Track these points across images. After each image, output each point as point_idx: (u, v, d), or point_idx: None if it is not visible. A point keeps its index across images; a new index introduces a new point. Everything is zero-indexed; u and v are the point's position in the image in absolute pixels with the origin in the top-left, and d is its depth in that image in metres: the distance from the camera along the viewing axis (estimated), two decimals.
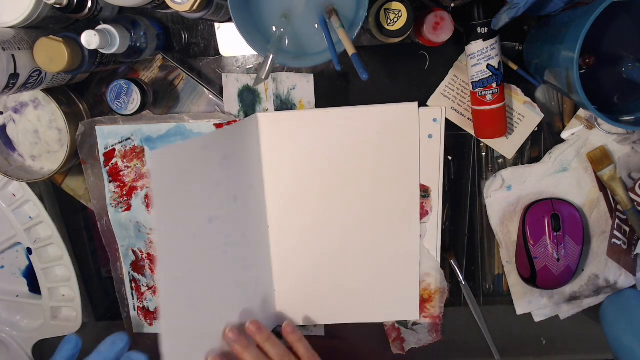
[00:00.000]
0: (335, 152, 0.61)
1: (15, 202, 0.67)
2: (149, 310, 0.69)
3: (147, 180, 0.64)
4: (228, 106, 0.62)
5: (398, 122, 0.60)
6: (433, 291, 0.66)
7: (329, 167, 0.62)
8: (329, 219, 0.64)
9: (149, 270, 0.67)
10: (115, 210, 0.65)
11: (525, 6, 0.47)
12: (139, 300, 0.69)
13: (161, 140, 0.62)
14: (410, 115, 0.59)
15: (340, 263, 0.65)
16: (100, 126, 0.62)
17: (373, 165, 0.61)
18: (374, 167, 0.61)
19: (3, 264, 0.72)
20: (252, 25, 0.50)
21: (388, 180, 0.62)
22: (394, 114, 0.60)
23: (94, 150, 0.64)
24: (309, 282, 0.66)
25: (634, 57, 0.52)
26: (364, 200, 0.63)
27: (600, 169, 0.61)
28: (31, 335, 0.72)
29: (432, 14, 0.53)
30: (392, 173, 0.61)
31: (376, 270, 0.65)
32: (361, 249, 0.64)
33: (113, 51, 0.52)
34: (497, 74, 0.56)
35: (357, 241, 0.64)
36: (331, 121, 0.60)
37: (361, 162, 0.61)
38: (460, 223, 0.66)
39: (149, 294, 0.68)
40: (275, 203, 0.63)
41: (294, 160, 0.62)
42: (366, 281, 0.66)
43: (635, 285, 0.65)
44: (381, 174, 0.62)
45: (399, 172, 0.61)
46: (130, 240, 0.66)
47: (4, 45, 0.49)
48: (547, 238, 0.61)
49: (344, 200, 0.63)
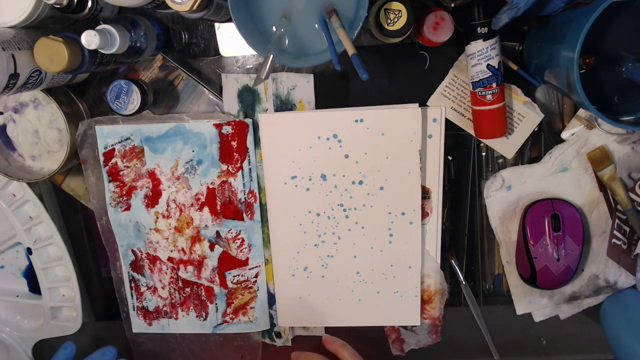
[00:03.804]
0: (337, 154, 0.61)
1: (15, 202, 0.67)
2: (148, 310, 0.69)
3: (146, 180, 0.64)
4: (227, 106, 0.62)
5: (401, 124, 0.59)
6: (433, 292, 0.66)
7: (331, 169, 0.62)
8: (330, 221, 0.64)
9: (148, 270, 0.67)
10: (114, 210, 0.65)
11: (525, 6, 0.47)
12: (138, 300, 0.69)
13: (160, 140, 0.62)
14: (413, 118, 0.59)
15: (341, 265, 0.65)
16: (99, 126, 0.62)
17: (375, 167, 0.61)
18: (376, 170, 0.61)
19: (3, 264, 0.72)
20: (252, 25, 0.50)
21: (390, 183, 0.61)
22: (396, 116, 0.59)
23: (93, 150, 0.64)
24: (310, 284, 0.66)
25: (634, 57, 0.52)
26: (365, 203, 0.63)
27: (600, 169, 0.61)
28: (31, 335, 0.72)
29: (432, 14, 0.53)
30: (394, 176, 0.61)
31: (377, 273, 0.65)
32: (362, 251, 0.64)
33: (113, 51, 0.52)
34: (497, 74, 0.56)
35: (359, 244, 0.64)
36: (333, 123, 0.60)
37: (363, 164, 0.61)
38: (460, 223, 0.66)
39: (148, 293, 0.68)
40: (275, 205, 0.63)
41: (296, 162, 0.62)
42: (367, 284, 0.66)
43: (635, 285, 0.65)
44: (383, 177, 0.61)
45: (401, 174, 0.61)
46: (130, 240, 0.66)
47: (4, 45, 0.49)
48: (547, 238, 0.61)
49: (345, 202, 0.63)
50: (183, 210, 0.65)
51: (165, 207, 0.65)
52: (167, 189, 0.64)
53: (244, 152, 0.62)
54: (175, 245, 0.66)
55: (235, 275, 0.67)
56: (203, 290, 0.67)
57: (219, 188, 0.63)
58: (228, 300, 0.67)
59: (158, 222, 0.65)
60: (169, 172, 0.63)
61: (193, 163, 0.63)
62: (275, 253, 0.65)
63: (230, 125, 0.61)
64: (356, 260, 0.65)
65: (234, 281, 0.67)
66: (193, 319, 0.69)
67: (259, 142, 0.62)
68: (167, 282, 0.68)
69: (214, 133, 0.61)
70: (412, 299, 0.65)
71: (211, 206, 0.64)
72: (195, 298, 0.68)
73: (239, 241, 0.65)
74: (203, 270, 0.67)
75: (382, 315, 0.67)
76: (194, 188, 0.64)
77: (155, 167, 0.63)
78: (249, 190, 0.63)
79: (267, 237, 0.66)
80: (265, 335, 0.70)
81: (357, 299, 0.66)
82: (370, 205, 0.63)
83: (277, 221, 0.64)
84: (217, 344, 0.70)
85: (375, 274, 0.65)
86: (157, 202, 0.65)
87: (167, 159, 0.63)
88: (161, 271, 0.67)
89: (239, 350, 0.70)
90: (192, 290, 0.68)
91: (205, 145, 0.62)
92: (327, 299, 0.67)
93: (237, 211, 0.64)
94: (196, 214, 0.65)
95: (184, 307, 0.68)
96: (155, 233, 0.66)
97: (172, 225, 0.65)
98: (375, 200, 0.62)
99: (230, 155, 0.62)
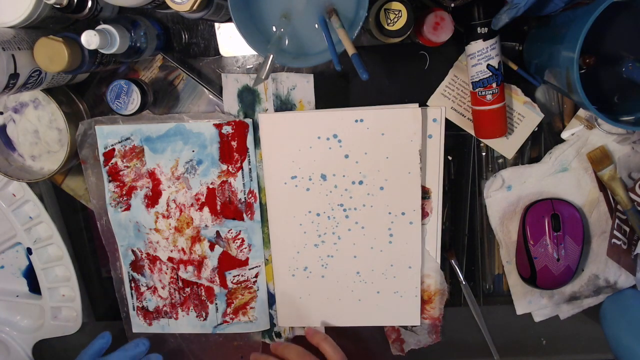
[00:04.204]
0: (337, 154, 0.61)
1: (15, 202, 0.67)
2: (148, 310, 0.69)
3: (146, 180, 0.64)
4: (227, 106, 0.62)
5: (401, 124, 0.59)
6: (433, 292, 0.66)
7: (331, 169, 0.62)
8: (330, 221, 0.64)
9: (148, 270, 0.67)
10: (114, 210, 0.65)
11: (525, 6, 0.47)
12: (138, 300, 0.69)
13: (160, 140, 0.62)
14: (413, 118, 0.59)
15: (341, 265, 0.65)
16: (99, 126, 0.62)
17: (375, 167, 0.61)
18: (376, 170, 0.61)
19: (3, 264, 0.72)
20: (252, 25, 0.50)
21: (390, 183, 0.61)
22: (396, 116, 0.59)
23: (93, 150, 0.64)
24: (310, 284, 0.66)
25: (634, 57, 0.52)
26: (365, 203, 0.63)
27: (600, 169, 0.61)
28: (31, 335, 0.72)
29: (432, 14, 0.53)
30: (394, 176, 0.61)
31: (377, 273, 0.65)
32: (362, 251, 0.64)
33: (113, 51, 0.52)
34: (497, 74, 0.56)
35: (359, 244, 0.64)
36: (333, 123, 0.60)
37: (363, 164, 0.61)
38: (460, 223, 0.66)
39: (148, 293, 0.68)
40: (275, 205, 0.63)
41: (296, 162, 0.62)
42: (367, 285, 0.66)
43: (635, 285, 0.65)
44: (383, 177, 0.61)
45: (401, 174, 0.61)
46: (130, 240, 0.66)
47: (4, 45, 0.49)
48: (547, 238, 0.61)
49: (345, 202, 0.63)
50: (183, 210, 0.65)
51: (165, 207, 0.65)
52: (167, 189, 0.64)
53: (244, 152, 0.62)
54: (175, 245, 0.66)
55: (235, 275, 0.67)
56: (203, 290, 0.67)
57: (219, 188, 0.63)
58: (228, 300, 0.67)
59: (158, 222, 0.65)
60: (169, 172, 0.63)
61: (193, 163, 0.63)
62: (275, 253, 0.65)
63: (230, 125, 0.61)
64: (356, 260, 0.65)
65: (234, 281, 0.67)
66: (193, 319, 0.69)
67: (259, 142, 0.62)
68: (167, 282, 0.68)
69: (214, 133, 0.62)
70: (412, 299, 0.65)
71: (211, 206, 0.64)
72: (195, 298, 0.68)
73: (239, 241, 0.65)
74: (203, 270, 0.67)
75: (382, 315, 0.67)
76: (194, 188, 0.64)
77: (155, 167, 0.63)
78: (249, 190, 0.63)
79: (267, 237, 0.66)
80: (265, 335, 0.70)
81: (357, 299, 0.66)
82: (370, 205, 0.62)
83: (277, 221, 0.64)
84: (217, 344, 0.70)
85: (375, 274, 0.65)
86: (157, 202, 0.65)
87: (167, 159, 0.63)
88: (161, 271, 0.67)
89: (239, 350, 0.70)
90: (192, 290, 0.68)
91: (205, 145, 0.62)
92: (327, 299, 0.67)
93: (237, 211, 0.64)
94: (196, 214, 0.65)
95: (184, 307, 0.68)
96: (155, 233, 0.66)
97: (172, 225, 0.65)
98: (375, 200, 0.62)
99: (230, 155, 0.62)
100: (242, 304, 0.68)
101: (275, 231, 0.64)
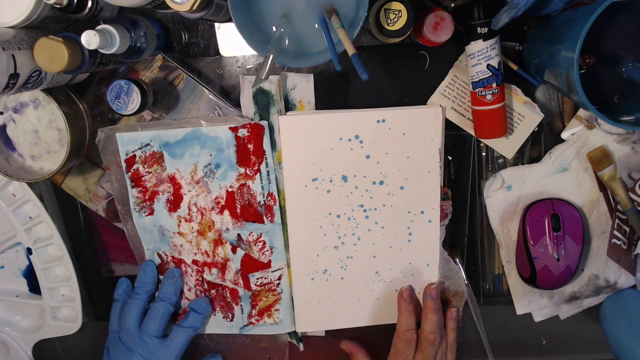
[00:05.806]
0: (358, 155, 0.61)
1: (15, 202, 0.67)
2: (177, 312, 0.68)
3: (167, 184, 0.64)
4: (245, 108, 0.62)
5: (422, 123, 0.59)
6: (452, 294, 0.66)
7: (352, 170, 0.61)
8: (350, 222, 0.63)
9: None
10: (139, 214, 0.65)
11: (525, 6, 0.47)
12: None
13: (178, 145, 0.62)
14: (435, 117, 0.59)
15: (361, 266, 0.65)
16: (120, 133, 0.62)
17: (396, 167, 0.61)
18: (397, 170, 0.61)
19: (3, 264, 0.72)
20: (252, 25, 0.50)
21: (410, 182, 0.61)
22: (418, 115, 0.59)
23: (115, 156, 0.64)
24: (329, 287, 0.66)
25: (634, 57, 0.52)
26: (386, 202, 0.62)
27: (600, 169, 0.61)
28: (31, 335, 0.72)
29: (432, 14, 0.53)
30: (414, 175, 0.61)
31: (396, 272, 0.65)
32: (382, 251, 0.64)
33: (113, 51, 0.52)
34: (497, 74, 0.56)
35: (378, 244, 0.64)
36: (355, 123, 0.60)
37: (384, 164, 0.61)
38: (460, 223, 0.66)
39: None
40: (295, 208, 0.63)
41: (317, 164, 0.61)
42: (386, 283, 0.66)
43: (635, 285, 0.65)
44: (403, 176, 0.61)
45: (421, 173, 0.61)
46: (155, 243, 0.66)
47: (4, 45, 0.49)
48: (547, 238, 0.61)
49: (366, 203, 0.62)
50: (204, 213, 0.64)
51: (186, 210, 0.64)
52: (188, 193, 0.64)
53: (261, 155, 0.62)
54: (199, 248, 0.66)
55: (258, 278, 0.66)
56: (228, 292, 0.67)
57: (238, 191, 0.63)
58: (252, 302, 0.67)
59: (181, 225, 0.65)
60: (188, 177, 0.63)
61: (211, 167, 0.62)
62: (294, 257, 0.65)
63: (245, 128, 0.61)
64: (375, 260, 0.65)
65: (258, 283, 0.66)
66: (220, 319, 0.68)
67: (276, 145, 0.62)
68: (193, 285, 0.68)
69: (230, 136, 0.61)
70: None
71: (231, 209, 0.64)
72: (221, 299, 0.68)
73: (261, 244, 0.65)
74: (227, 273, 0.66)
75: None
76: (214, 192, 0.63)
77: (175, 172, 0.63)
78: (268, 192, 0.63)
79: (287, 240, 0.65)
80: (292, 337, 0.70)
81: (375, 298, 0.66)
82: (391, 205, 0.62)
83: (296, 224, 0.63)
84: (244, 345, 0.70)
85: (394, 272, 0.65)
86: (179, 206, 0.64)
87: (185, 164, 0.63)
88: (187, 274, 0.67)
89: (267, 352, 0.70)
90: (217, 292, 0.67)
91: (222, 149, 0.62)
92: (346, 300, 0.66)
93: (257, 214, 0.64)
94: (217, 217, 0.64)
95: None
96: (178, 237, 0.66)
97: (195, 228, 0.65)
98: (395, 199, 0.62)
99: (248, 158, 0.62)
100: (266, 306, 0.67)
101: (294, 235, 0.64)
